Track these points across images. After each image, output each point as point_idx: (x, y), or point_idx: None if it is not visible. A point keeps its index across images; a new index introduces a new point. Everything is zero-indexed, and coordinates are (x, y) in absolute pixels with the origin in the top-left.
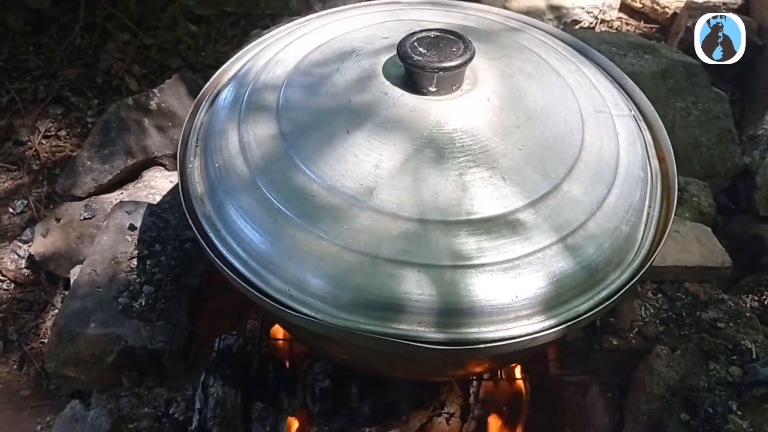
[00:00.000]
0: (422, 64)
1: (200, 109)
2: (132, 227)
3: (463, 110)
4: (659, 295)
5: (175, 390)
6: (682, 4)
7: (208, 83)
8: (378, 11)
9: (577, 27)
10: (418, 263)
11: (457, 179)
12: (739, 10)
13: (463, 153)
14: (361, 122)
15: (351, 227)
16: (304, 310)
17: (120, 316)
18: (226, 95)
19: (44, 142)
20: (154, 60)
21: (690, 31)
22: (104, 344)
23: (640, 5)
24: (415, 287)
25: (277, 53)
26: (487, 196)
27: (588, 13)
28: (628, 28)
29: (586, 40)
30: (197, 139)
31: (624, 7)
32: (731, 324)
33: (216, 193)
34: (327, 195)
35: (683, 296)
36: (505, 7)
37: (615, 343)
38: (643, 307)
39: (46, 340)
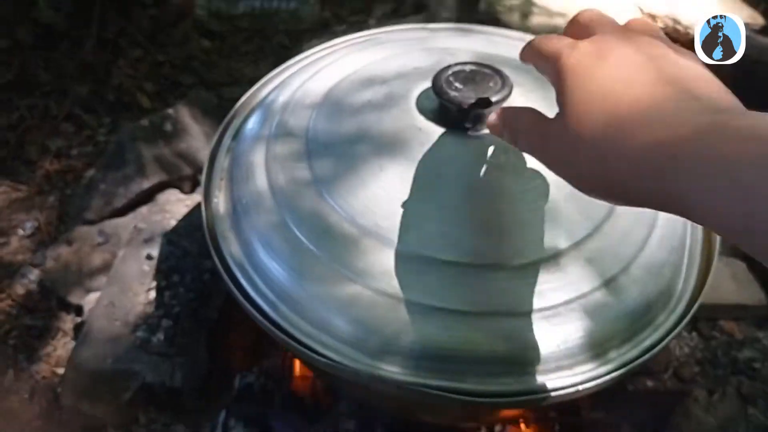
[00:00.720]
0: (458, 100)
1: (224, 139)
2: (149, 256)
3: (500, 148)
4: (694, 334)
5: (192, 428)
6: None
7: (232, 111)
8: (404, 39)
9: None
10: (454, 310)
11: (495, 220)
12: (763, 32)
13: (500, 193)
14: (394, 159)
15: (383, 270)
16: (335, 357)
17: (138, 351)
18: (252, 126)
19: (55, 161)
20: (167, 77)
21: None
22: (121, 380)
23: (662, 24)
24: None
25: (304, 82)
26: (528, 239)
27: None
28: None
29: None
30: (222, 171)
31: None
32: (767, 364)
33: (243, 230)
34: (359, 235)
35: (718, 335)
36: (525, 27)
37: (650, 384)
38: (678, 347)
39: (58, 370)
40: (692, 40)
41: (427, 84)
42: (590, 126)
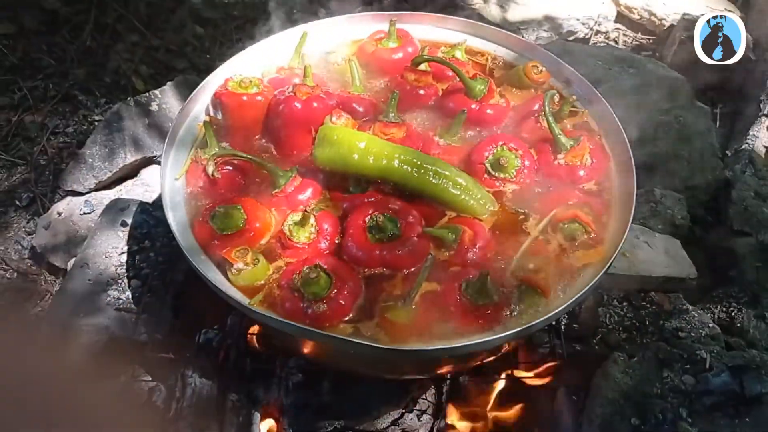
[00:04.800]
0: None
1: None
2: (124, 223)
3: None
4: (624, 304)
5: (158, 379)
6: (678, 17)
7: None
8: None
9: (572, 38)
10: None
11: None
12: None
13: None
14: None
15: None
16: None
17: (108, 308)
18: None
19: (52, 138)
20: (161, 61)
21: (684, 44)
22: (92, 334)
23: (638, 17)
24: None
25: None
26: None
27: (583, 24)
28: (626, 39)
29: (573, 53)
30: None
31: (621, 18)
32: (692, 334)
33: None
34: None
35: (648, 305)
36: (504, 19)
37: (578, 348)
38: (607, 315)
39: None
40: (666, 30)
41: None
42: None
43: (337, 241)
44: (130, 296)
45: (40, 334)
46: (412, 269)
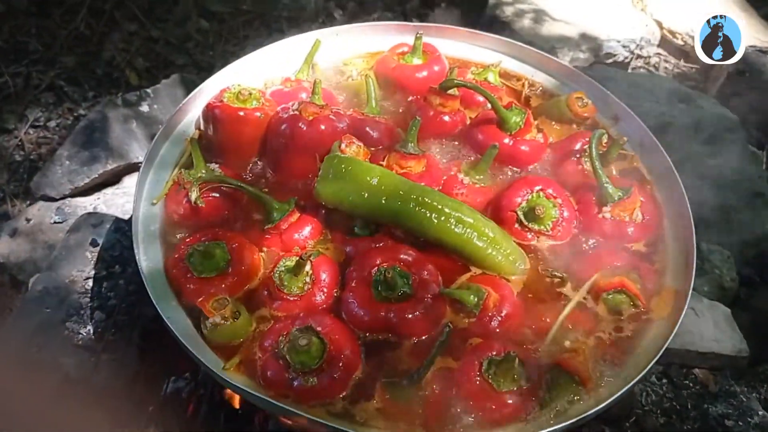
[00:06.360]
0: None
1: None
2: (94, 243)
3: None
4: (664, 381)
5: (118, 429)
6: None
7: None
8: None
9: (610, 61)
10: None
11: None
12: None
13: None
14: None
15: None
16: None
17: (65, 343)
18: None
19: (31, 132)
20: (159, 54)
21: (733, 77)
22: (45, 372)
23: (682, 42)
24: None
25: None
26: None
27: (624, 47)
28: (666, 65)
29: (615, 80)
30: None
31: (663, 43)
32: (740, 423)
33: None
34: None
35: (691, 384)
36: (537, 35)
37: None
38: (644, 393)
39: None
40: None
41: None
42: None
43: (335, 294)
44: (92, 331)
45: None
46: (424, 338)
